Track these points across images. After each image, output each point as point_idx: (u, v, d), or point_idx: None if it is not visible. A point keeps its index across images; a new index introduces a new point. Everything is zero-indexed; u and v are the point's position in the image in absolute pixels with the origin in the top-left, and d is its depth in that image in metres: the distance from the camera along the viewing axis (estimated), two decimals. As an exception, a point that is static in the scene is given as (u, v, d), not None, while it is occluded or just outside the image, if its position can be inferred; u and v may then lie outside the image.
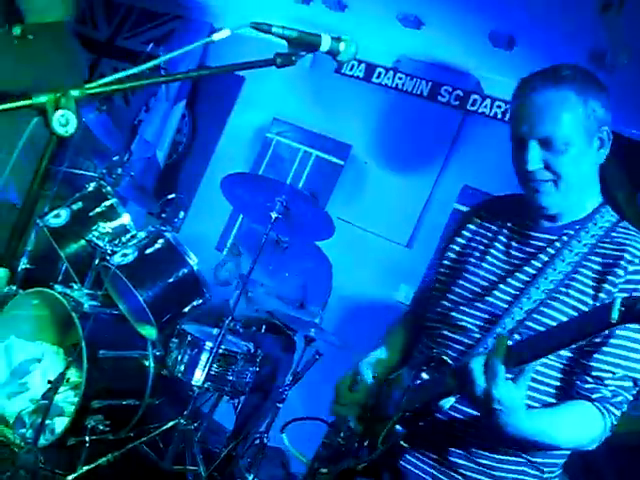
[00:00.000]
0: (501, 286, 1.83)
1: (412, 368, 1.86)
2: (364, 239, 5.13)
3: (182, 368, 3.63)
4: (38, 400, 3.63)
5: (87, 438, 3.42)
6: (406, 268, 4.75)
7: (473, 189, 4.70)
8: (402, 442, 1.80)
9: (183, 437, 3.60)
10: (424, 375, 1.79)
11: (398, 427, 1.80)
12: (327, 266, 4.46)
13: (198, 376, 3.59)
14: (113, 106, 6.67)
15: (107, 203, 3.90)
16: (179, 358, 3.64)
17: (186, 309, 3.64)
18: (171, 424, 3.63)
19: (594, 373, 1.68)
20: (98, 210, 3.87)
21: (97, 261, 3.69)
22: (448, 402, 1.71)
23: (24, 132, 1.26)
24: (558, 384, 1.75)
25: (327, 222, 3.71)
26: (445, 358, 1.75)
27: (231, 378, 3.66)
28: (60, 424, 3.53)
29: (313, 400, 2.90)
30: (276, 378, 4.08)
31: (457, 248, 2.02)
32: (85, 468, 3.28)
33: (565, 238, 1.79)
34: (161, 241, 3.68)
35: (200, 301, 3.66)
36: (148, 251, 3.64)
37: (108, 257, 3.61)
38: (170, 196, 4.24)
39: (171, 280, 3.58)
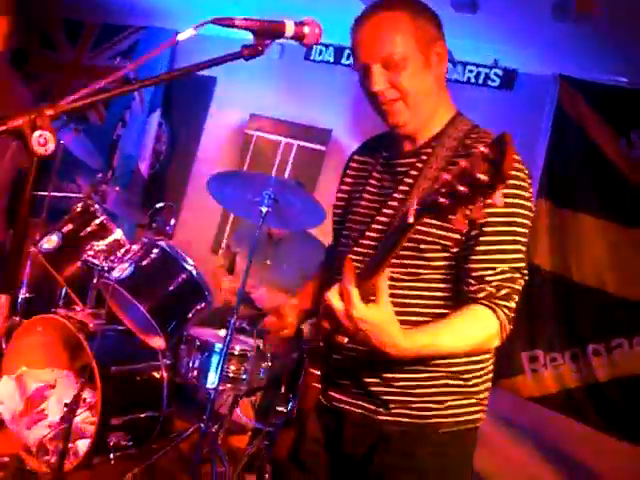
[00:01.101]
0: (377, 218, 1.89)
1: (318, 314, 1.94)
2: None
3: (195, 373, 3.63)
4: (57, 425, 3.65)
5: (111, 455, 3.44)
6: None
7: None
8: (317, 384, 1.86)
9: (206, 441, 3.61)
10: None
11: (312, 370, 1.87)
12: (322, 251, 4.45)
13: (212, 379, 3.59)
14: (89, 125, 6.66)
15: (97, 221, 3.89)
16: (190, 364, 3.65)
17: (190, 314, 3.65)
18: (192, 430, 3.65)
19: (475, 274, 1.73)
20: (89, 229, 3.86)
21: (95, 280, 3.70)
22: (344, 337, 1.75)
23: None
24: (446, 294, 1.81)
25: (317, 208, 3.70)
26: None
27: (245, 377, 3.67)
28: (83, 446, 3.54)
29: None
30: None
31: (343, 195, 2.11)
32: (114, 485, 3.31)
33: (424, 157, 1.84)
34: (156, 251, 3.67)
35: (203, 304, 3.66)
36: (145, 262, 3.64)
37: (106, 274, 3.61)
38: (158, 205, 4.23)
39: (171, 288, 3.58)
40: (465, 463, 1.95)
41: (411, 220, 1.39)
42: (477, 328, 1.72)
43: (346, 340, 1.73)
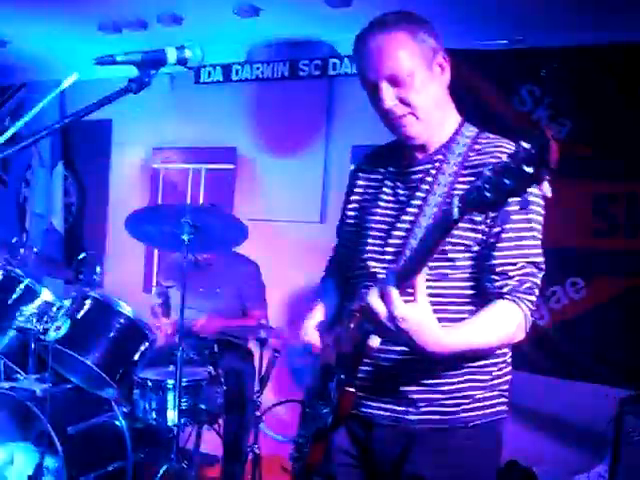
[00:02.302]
0: (397, 225, 1.94)
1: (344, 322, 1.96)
2: (279, 229, 5.18)
3: (153, 415, 3.60)
4: (25, 499, 3.56)
5: (86, 515, 3.38)
6: (326, 241, 4.82)
7: (362, 146, 4.78)
8: (351, 389, 1.85)
9: (179, 479, 3.58)
10: (351, 325, 1.86)
11: (342, 377, 1.87)
12: (253, 267, 4.47)
13: (171, 416, 3.56)
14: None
15: (21, 286, 3.83)
16: (147, 407, 3.61)
17: (136, 357, 3.61)
18: (162, 471, 3.61)
19: (498, 270, 1.80)
20: (15, 296, 3.80)
21: (33, 344, 3.63)
22: (376, 341, 1.77)
23: None
24: (472, 292, 1.87)
25: (238, 226, 3.72)
26: None
27: (203, 406, 3.65)
28: (55, 513, 3.47)
29: (289, 393, 2.93)
30: (245, 389, 4.09)
31: (354, 205, 2.15)
32: None
33: (437, 164, 1.91)
34: (88, 302, 3.63)
35: (146, 344, 3.63)
36: (79, 316, 3.59)
37: (42, 336, 3.55)
38: (80, 256, 4.18)
39: (112, 335, 3.54)
40: (496, 454, 2.02)
41: (456, 216, 1.42)
42: (506, 323, 1.77)
43: (377, 343, 1.76)
